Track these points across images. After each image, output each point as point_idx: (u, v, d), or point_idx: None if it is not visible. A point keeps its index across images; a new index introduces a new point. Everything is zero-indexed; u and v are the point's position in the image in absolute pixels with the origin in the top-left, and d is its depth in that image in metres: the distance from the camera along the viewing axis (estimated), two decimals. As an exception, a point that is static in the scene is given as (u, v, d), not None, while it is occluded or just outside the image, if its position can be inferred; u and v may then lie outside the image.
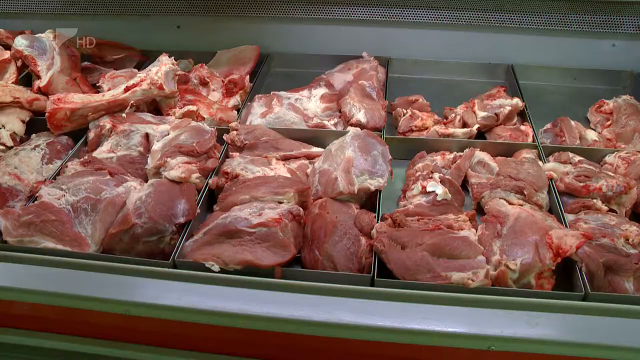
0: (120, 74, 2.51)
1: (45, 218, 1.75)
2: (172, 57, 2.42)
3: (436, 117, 2.40)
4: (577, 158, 2.10)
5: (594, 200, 1.93)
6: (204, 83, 2.58)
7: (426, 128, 2.29)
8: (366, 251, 1.71)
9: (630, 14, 2.64)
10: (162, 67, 2.33)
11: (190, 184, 1.93)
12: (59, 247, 1.72)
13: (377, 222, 1.78)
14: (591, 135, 2.32)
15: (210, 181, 1.98)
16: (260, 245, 1.68)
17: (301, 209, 1.79)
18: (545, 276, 1.65)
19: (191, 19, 2.92)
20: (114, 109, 2.25)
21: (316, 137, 2.23)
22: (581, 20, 2.70)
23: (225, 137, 2.18)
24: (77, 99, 2.22)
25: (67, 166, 2.02)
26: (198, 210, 1.84)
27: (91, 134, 2.19)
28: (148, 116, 2.27)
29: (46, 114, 2.17)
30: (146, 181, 1.97)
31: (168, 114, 2.33)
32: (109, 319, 1.65)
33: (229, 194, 1.89)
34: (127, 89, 2.27)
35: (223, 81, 2.60)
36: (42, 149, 2.14)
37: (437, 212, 1.86)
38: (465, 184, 2.07)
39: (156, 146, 2.05)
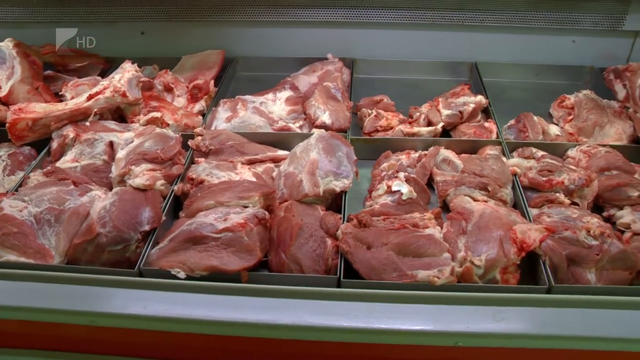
0: (83, 82, 2.48)
1: (6, 231, 1.72)
2: (136, 64, 2.40)
3: (401, 116, 2.41)
4: (540, 153, 2.13)
5: (557, 194, 1.96)
6: (169, 89, 2.56)
7: (391, 128, 2.30)
8: (332, 252, 1.71)
9: (588, 11, 2.68)
10: (125, 74, 2.31)
11: (155, 191, 1.92)
12: (22, 259, 1.69)
13: (343, 223, 1.79)
14: (554, 130, 2.35)
15: (175, 188, 1.97)
16: (226, 251, 1.67)
17: (267, 213, 1.79)
18: (510, 271, 1.67)
19: (155, 24, 2.89)
20: (77, 117, 2.22)
21: (282, 140, 2.23)
22: (542, 17, 2.74)
23: (190, 142, 2.17)
24: (39, 108, 2.19)
25: (29, 177, 1.99)
26: (163, 218, 1.83)
27: (54, 144, 2.16)
28: (112, 124, 2.24)
29: (7, 125, 2.13)
30: (112, 190, 1.95)
31: (132, 121, 2.31)
32: (75, 331, 1.63)
33: (194, 199, 1.88)
34: (90, 97, 2.24)
35: (188, 87, 2.58)
36: (3, 160, 2.11)
37: (403, 211, 1.87)
38: (430, 182, 2.08)
39: (120, 154, 2.02)
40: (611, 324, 1.51)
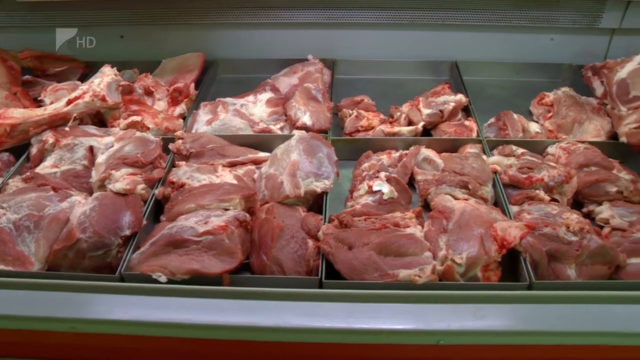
0: (62, 87, 2.46)
1: (-15, 238, 1.71)
2: (115, 68, 2.38)
3: (382, 116, 2.41)
4: (520, 150, 2.14)
5: (537, 191, 1.97)
6: (149, 92, 2.55)
7: (372, 128, 2.31)
8: (314, 253, 1.71)
9: (566, 9, 2.70)
10: (105, 78, 2.30)
11: (136, 195, 1.91)
12: (1, 267, 1.68)
13: (324, 223, 1.79)
14: (533, 127, 2.37)
15: (156, 192, 1.96)
16: (207, 254, 1.66)
17: (247, 215, 1.79)
18: (491, 268, 1.68)
19: (135, 28, 2.88)
20: (56, 122, 2.20)
21: (263, 142, 2.22)
22: (521, 16, 2.75)
23: (170, 146, 2.16)
24: (18, 114, 2.17)
25: (8, 183, 1.97)
26: (144, 222, 1.82)
27: (33, 150, 2.14)
28: (92, 129, 2.23)
29: (-15, 131, 2.11)
30: (92, 195, 1.94)
31: (113, 126, 2.29)
32: (56, 338, 1.61)
33: (175, 203, 1.87)
34: (69, 102, 2.23)
35: (168, 90, 2.57)
36: (-19, 167, 2.09)
37: (384, 210, 1.87)
38: (412, 181, 2.09)
39: (100, 159, 2.01)
40: (591, 319, 1.52)
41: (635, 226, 1.85)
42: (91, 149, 2.11)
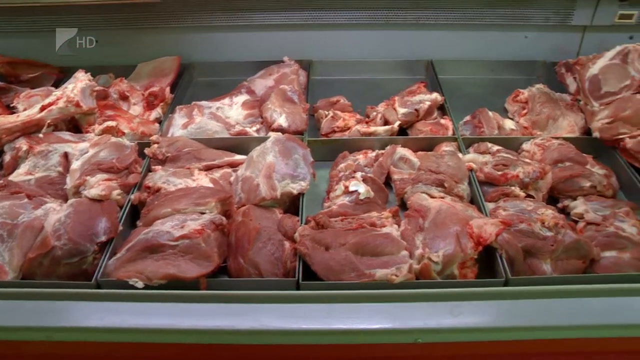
0: (36, 93, 2.43)
1: (-42, 248, 1.69)
2: (89, 73, 2.36)
3: (358, 116, 2.42)
4: (496, 147, 2.16)
5: (512, 188, 1.99)
6: (124, 97, 2.53)
7: (348, 128, 2.31)
8: (290, 255, 1.71)
9: (538, 7, 2.72)
10: (78, 84, 2.28)
11: (112, 201, 1.89)
12: (-26, 277, 1.66)
13: (301, 225, 1.79)
14: (509, 124, 2.39)
15: (132, 197, 1.95)
16: (183, 258, 1.66)
17: (224, 218, 1.78)
18: (468, 265, 1.69)
19: (109, 33, 2.85)
20: (30, 129, 2.18)
21: (239, 144, 2.22)
22: (494, 14, 2.77)
23: (146, 150, 2.15)
24: (-10, 121, 2.15)
25: (-20, 192, 1.95)
26: (120, 227, 1.81)
27: (7, 157, 2.11)
28: (67, 135, 2.21)
29: (-43, 139, 2.09)
30: (67, 202, 1.92)
31: (88, 131, 2.27)
32: (31, 348, 1.61)
33: (151, 208, 1.86)
34: (42, 108, 2.20)
35: (143, 94, 2.56)
36: (-46, 176, 2.07)
37: (361, 210, 1.88)
38: (388, 181, 2.09)
39: (75, 165, 2.00)
40: (567, 313, 1.54)
41: (608, 220, 1.87)
42: (66, 155, 2.09)
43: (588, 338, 1.57)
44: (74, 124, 2.34)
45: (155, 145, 2.15)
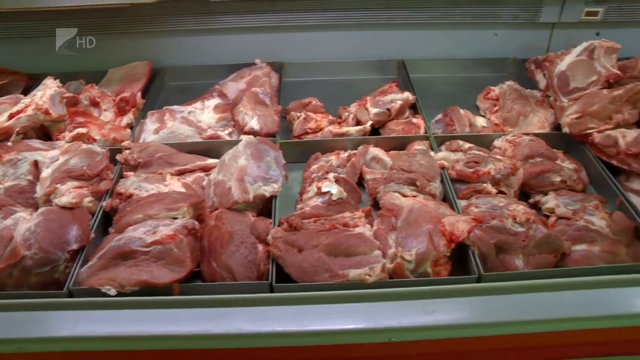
0: (4, 101, 2.39)
1: None
2: (58, 80, 2.34)
3: (331, 117, 2.42)
4: (467, 145, 2.17)
5: (484, 185, 2.00)
6: (95, 103, 2.51)
7: (321, 129, 2.31)
8: (264, 258, 1.71)
9: (507, 5, 2.75)
10: (47, 91, 2.25)
11: (83, 208, 1.87)
12: (-57, 289, 1.64)
13: (274, 227, 1.78)
14: (480, 121, 2.41)
15: (104, 204, 1.93)
16: (156, 264, 1.65)
17: (196, 223, 1.77)
18: (441, 263, 1.70)
19: (79, 38, 2.82)
20: (-2, 138, 2.16)
21: (211, 148, 2.21)
22: (464, 12, 2.79)
23: (118, 157, 2.13)
24: (-42, 130, 2.12)
25: (-51, 203, 1.92)
26: (92, 235, 1.79)
27: (-25, 167, 2.09)
28: (37, 142, 2.18)
29: None
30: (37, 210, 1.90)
31: (58, 139, 2.24)
32: None
33: (123, 214, 1.84)
34: (11, 116, 2.17)
35: (114, 100, 2.53)
36: None
37: (334, 211, 1.88)
38: (361, 181, 2.10)
39: (45, 173, 1.97)
40: (538, 307, 1.56)
41: (578, 214, 1.89)
42: (36, 163, 2.06)
43: (560, 331, 1.58)
44: (44, 132, 2.31)
45: (127, 151, 2.14)
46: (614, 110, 2.13)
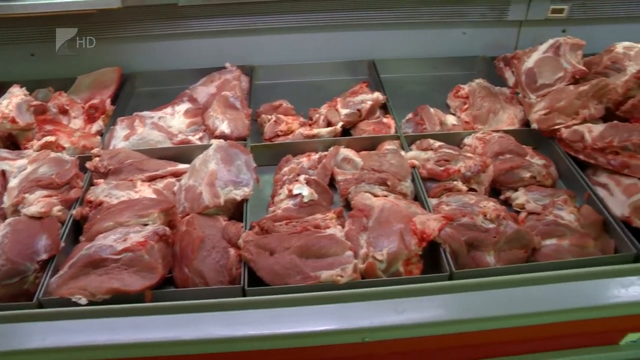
0: (-31, 111, 2.37)
1: None
2: (24, 88, 2.31)
3: (301, 119, 2.42)
4: (438, 144, 2.18)
5: (454, 182, 2.02)
6: (64, 111, 2.48)
7: (292, 131, 2.31)
8: (236, 262, 1.71)
9: (475, 4, 2.78)
10: (14, 99, 2.22)
11: (52, 217, 1.85)
12: None
13: (246, 231, 1.78)
14: (450, 120, 2.43)
15: (73, 212, 1.91)
16: (127, 271, 1.63)
17: (167, 229, 1.76)
18: (412, 262, 1.70)
19: (46, 45, 2.78)
20: (-36, 148, 2.13)
21: (182, 153, 2.20)
22: (433, 12, 2.81)
23: (87, 164, 2.11)
24: None
25: None
26: (62, 244, 1.78)
27: (-59, 178, 2.06)
28: (4, 152, 2.15)
29: None
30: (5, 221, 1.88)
31: (26, 147, 2.22)
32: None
33: (93, 222, 1.83)
34: (-24, 126, 2.16)
35: (84, 107, 2.51)
36: None
37: (306, 213, 1.88)
38: (333, 182, 2.10)
39: (12, 183, 1.95)
40: (510, 303, 1.57)
41: (547, 209, 1.92)
42: (3, 173, 2.03)
43: (532, 325, 1.60)
44: (12, 141, 2.28)
45: (97, 159, 2.12)
46: (580, 105, 2.16)
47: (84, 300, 1.58)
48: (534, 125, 2.24)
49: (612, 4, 2.80)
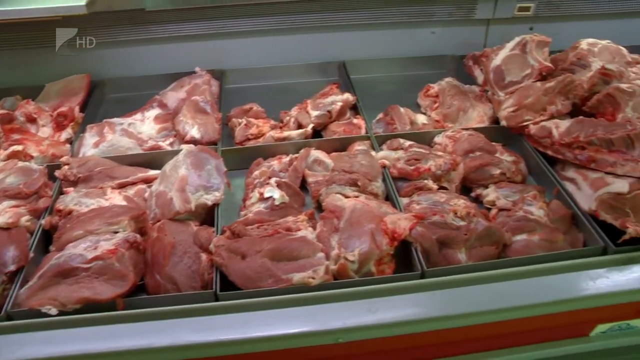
0: None
1: None
2: (-12, 97, 2.29)
3: (272, 122, 2.41)
4: (408, 143, 2.20)
5: (425, 181, 2.03)
6: (32, 120, 2.45)
7: (263, 135, 2.30)
8: (208, 267, 1.70)
9: (443, 3, 2.79)
10: (-23, 109, 2.20)
11: (20, 228, 1.83)
12: None
13: (218, 235, 1.77)
14: (421, 119, 2.44)
15: (43, 222, 1.89)
16: (97, 280, 1.62)
17: (138, 236, 1.75)
18: (385, 262, 1.71)
19: (12, 53, 2.75)
20: None
21: (153, 159, 2.19)
22: (402, 12, 2.82)
23: (56, 173, 2.09)
24: None
25: None
26: (32, 254, 1.75)
27: None
28: (-30, 164, 2.13)
29: None
30: (-26, 233, 1.85)
31: (-7, 158, 2.20)
32: None
33: (63, 231, 1.81)
34: (-59, 137, 2.12)
35: (52, 115, 2.48)
36: None
37: (277, 216, 1.88)
38: (305, 184, 2.10)
39: (-21, 194, 1.93)
40: (481, 299, 1.59)
41: (517, 205, 1.94)
42: (-30, 184, 2.01)
43: (503, 321, 1.61)
44: (-22, 152, 2.25)
45: (66, 167, 2.10)
46: (547, 102, 2.18)
47: (54, 311, 1.56)
48: (503, 123, 2.26)
49: (578, 2, 2.85)
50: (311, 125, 2.31)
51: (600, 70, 2.17)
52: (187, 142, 2.20)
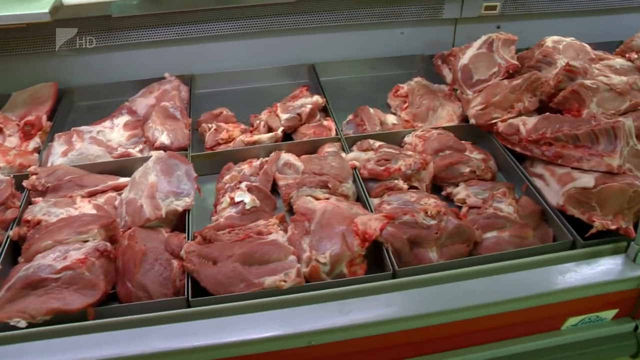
0: None
1: None
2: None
3: (243, 126, 2.41)
4: (378, 144, 2.21)
5: (395, 181, 2.04)
6: (-3, 130, 2.42)
7: (233, 139, 2.30)
8: (179, 273, 1.69)
9: (410, 4, 2.82)
10: (-57, 120, 2.17)
11: (-13, 240, 1.81)
12: None
13: (189, 241, 1.77)
14: (391, 119, 2.45)
15: (10, 233, 1.86)
16: (67, 290, 1.60)
17: (108, 244, 1.73)
18: (357, 263, 1.71)
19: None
20: None
21: (123, 166, 2.17)
22: (370, 13, 2.84)
23: (24, 183, 2.06)
24: None
25: None
26: (-1, 267, 1.74)
27: None
28: None
29: None
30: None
31: (-42, 170, 2.16)
32: None
33: (31, 242, 1.78)
34: None
35: (19, 124, 2.45)
36: None
37: (248, 220, 1.88)
38: (276, 187, 2.10)
39: (-55, 206, 1.90)
40: (452, 297, 1.61)
41: (487, 202, 1.95)
42: None
43: (476, 318, 1.63)
44: (-58, 165, 2.22)
45: (34, 177, 2.07)
46: (514, 99, 2.21)
47: (23, 323, 1.54)
48: (472, 121, 2.28)
49: (543, 0, 2.89)
50: (281, 129, 2.31)
51: (565, 67, 2.21)
52: (157, 149, 2.19)
